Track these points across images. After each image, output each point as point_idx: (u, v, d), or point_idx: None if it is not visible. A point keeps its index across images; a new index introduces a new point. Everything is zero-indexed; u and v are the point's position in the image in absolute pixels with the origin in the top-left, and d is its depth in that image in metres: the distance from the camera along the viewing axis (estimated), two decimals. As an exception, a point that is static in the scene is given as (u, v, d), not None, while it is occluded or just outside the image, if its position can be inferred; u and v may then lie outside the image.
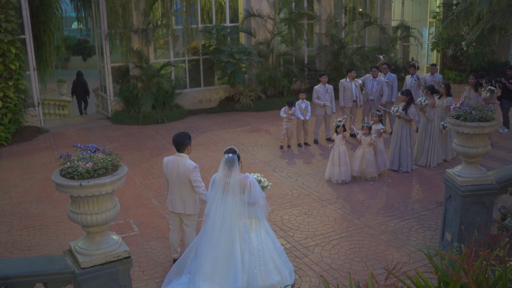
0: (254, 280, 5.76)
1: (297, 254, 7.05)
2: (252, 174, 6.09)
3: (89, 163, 4.29)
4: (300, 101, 12.38)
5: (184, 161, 6.38)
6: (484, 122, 5.94)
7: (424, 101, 10.42)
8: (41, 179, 10.46)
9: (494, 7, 10.12)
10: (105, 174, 4.34)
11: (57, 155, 12.44)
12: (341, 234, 7.64)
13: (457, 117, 6.10)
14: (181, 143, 6.42)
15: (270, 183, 6.36)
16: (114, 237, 4.76)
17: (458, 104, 6.60)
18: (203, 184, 6.47)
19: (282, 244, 7.12)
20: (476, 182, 6.24)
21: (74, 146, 4.68)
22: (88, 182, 4.19)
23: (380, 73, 13.76)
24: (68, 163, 4.35)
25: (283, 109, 12.21)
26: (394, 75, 13.79)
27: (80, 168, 4.24)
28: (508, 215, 6.99)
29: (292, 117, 12.12)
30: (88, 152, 4.52)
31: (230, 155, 5.79)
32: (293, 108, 12.04)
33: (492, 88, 12.45)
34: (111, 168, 4.43)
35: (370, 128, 10.01)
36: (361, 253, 7.05)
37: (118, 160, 4.59)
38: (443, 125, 10.85)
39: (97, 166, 4.32)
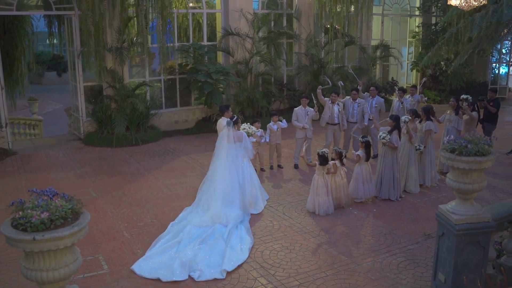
0: (244, 193, 9.29)
1: (280, 296, 6.53)
2: (243, 129, 10.39)
3: (45, 212, 3.74)
4: (272, 123, 12.00)
5: (222, 120, 10.18)
6: (481, 156, 5.53)
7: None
8: (4, 208, 9.71)
9: (483, 32, 9.95)
10: (64, 225, 3.80)
11: (24, 180, 11.91)
12: (326, 272, 7.13)
13: (452, 151, 5.68)
14: (221, 110, 10.76)
15: (255, 130, 11.03)
16: (75, 292, 4.20)
17: (451, 136, 6.18)
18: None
19: (262, 284, 6.85)
20: (472, 220, 5.80)
21: (29, 190, 4.13)
22: (43, 236, 3.65)
23: (366, 93, 13.55)
24: (20, 212, 3.80)
25: None
26: (382, 99, 13.52)
27: (34, 219, 3.69)
28: (504, 252, 6.59)
29: (262, 140, 11.78)
30: (45, 198, 3.97)
31: (229, 119, 9.49)
32: (260, 130, 11.69)
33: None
34: (71, 217, 3.89)
35: (321, 157, 9.34)
36: (348, 295, 6.57)
37: (80, 206, 4.05)
38: (416, 147, 10.60)
39: (54, 216, 3.77)
